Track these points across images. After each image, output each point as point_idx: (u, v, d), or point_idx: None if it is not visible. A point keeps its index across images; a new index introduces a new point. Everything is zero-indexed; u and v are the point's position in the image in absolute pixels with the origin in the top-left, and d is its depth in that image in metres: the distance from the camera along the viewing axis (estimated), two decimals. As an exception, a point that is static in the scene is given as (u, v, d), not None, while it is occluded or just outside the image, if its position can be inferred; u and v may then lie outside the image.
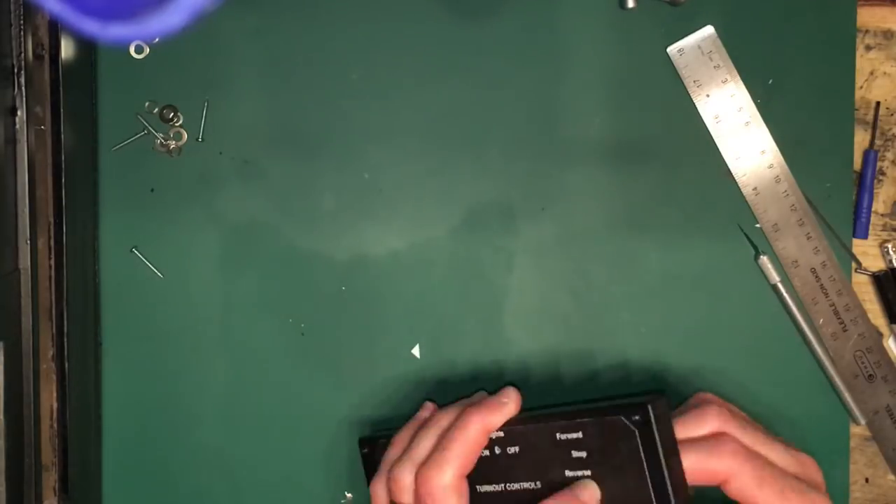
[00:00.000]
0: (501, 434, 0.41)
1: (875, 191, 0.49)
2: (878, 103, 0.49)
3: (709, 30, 0.48)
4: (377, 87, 0.49)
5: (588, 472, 0.38)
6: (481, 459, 0.40)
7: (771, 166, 0.48)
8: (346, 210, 0.49)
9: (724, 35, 0.48)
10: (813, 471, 0.40)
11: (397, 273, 0.49)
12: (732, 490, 0.38)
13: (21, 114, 0.42)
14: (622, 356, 0.49)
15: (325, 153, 0.49)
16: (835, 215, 0.49)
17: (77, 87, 0.46)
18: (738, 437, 0.39)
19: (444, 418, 0.42)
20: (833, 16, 0.49)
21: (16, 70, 0.42)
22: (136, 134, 0.48)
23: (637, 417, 0.37)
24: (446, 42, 0.49)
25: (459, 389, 0.49)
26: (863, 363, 0.49)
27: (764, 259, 0.48)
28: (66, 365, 0.44)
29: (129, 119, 0.48)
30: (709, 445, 0.38)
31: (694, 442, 0.39)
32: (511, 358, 0.49)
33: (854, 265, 0.49)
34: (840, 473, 0.50)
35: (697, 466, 0.38)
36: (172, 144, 0.48)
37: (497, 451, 0.41)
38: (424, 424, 0.42)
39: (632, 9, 0.48)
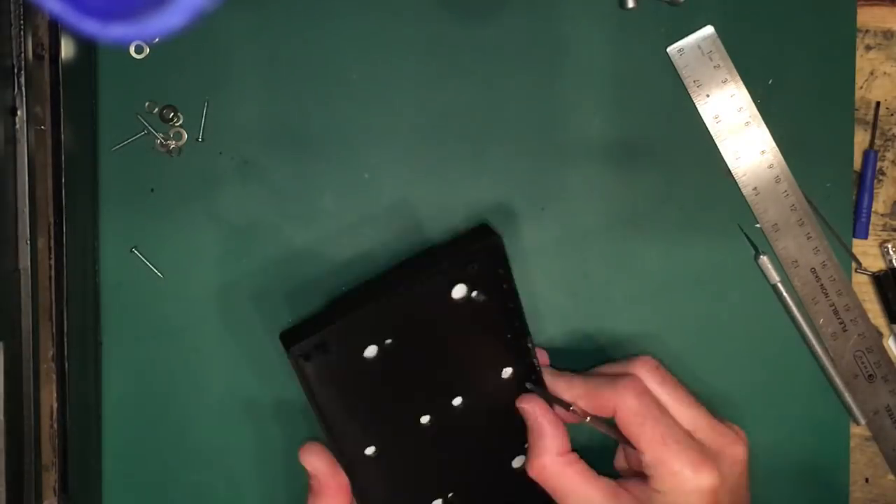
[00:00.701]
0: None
1: (875, 191, 0.49)
2: (878, 103, 0.49)
3: (709, 30, 0.48)
4: (377, 87, 0.49)
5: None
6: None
7: (771, 166, 0.48)
8: (346, 210, 0.49)
9: (724, 35, 0.48)
10: (727, 442, 0.42)
11: (397, 273, 0.49)
12: (619, 422, 0.41)
13: (21, 114, 0.42)
14: (622, 356, 0.49)
15: (325, 153, 0.49)
16: (835, 215, 0.49)
17: (77, 87, 0.46)
18: (651, 386, 0.42)
19: None
20: (833, 16, 0.49)
21: (16, 70, 0.42)
22: (136, 134, 0.48)
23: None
24: (446, 42, 0.49)
25: (459, 389, 0.49)
26: (863, 363, 0.49)
27: (764, 259, 0.48)
28: (66, 365, 0.44)
29: (129, 119, 0.48)
30: (613, 377, 0.42)
31: (603, 374, 0.43)
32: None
33: (854, 265, 0.49)
34: (840, 473, 0.50)
35: (594, 390, 0.42)
36: (172, 144, 0.48)
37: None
38: None
39: (632, 9, 0.48)
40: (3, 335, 0.41)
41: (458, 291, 0.42)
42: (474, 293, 0.42)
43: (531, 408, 0.43)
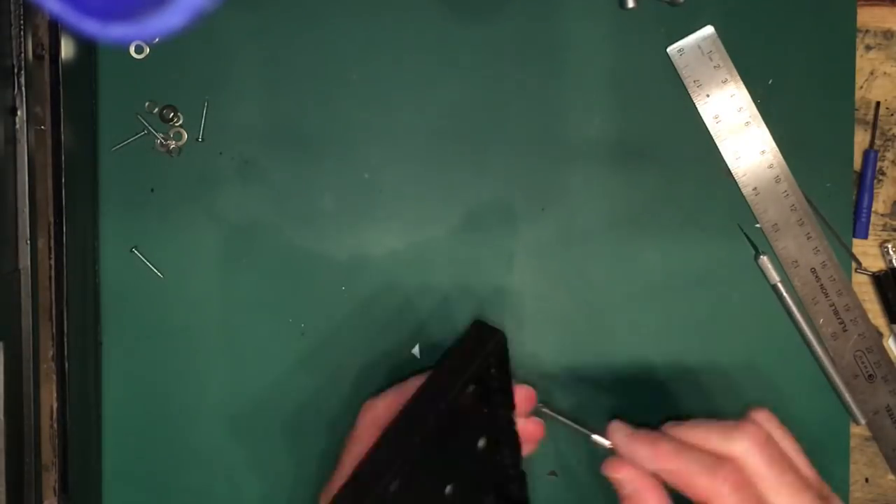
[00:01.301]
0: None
1: (875, 191, 0.49)
2: (878, 103, 0.49)
3: (709, 30, 0.48)
4: (377, 87, 0.49)
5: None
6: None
7: (771, 166, 0.48)
8: (346, 210, 0.49)
9: (724, 35, 0.48)
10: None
11: (397, 273, 0.49)
12: None
13: (21, 114, 0.42)
14: (622, 356, 0.49)
15: (325, 153, 0.49)
16: (835, 215, 0.49)
17: (77, 87, 0.46)
18: (758, 469, 0.35)
19: None
20: (833, 16, 0.49)
21: (16, 70, 0.42)
22: (136, 134, 0.48)
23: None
24: (446, 42, 0.49)
25: (459, 389, 0.49)
26: (863, 363, 0.49)
27: (764, 259, 0.48)
28: (66, 365, 0.44)
29: (129, 119, 0.48)
30: (709, 463, 0.35)
31: (701, 451, 0.35)
32: (511, 358, 0.49)
33: (854, 265, 0.49)
34: (840, 473, 0.50)
35: (685, 469, 0.35)
36: (172, 144, 0.48)
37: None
38: None
39: (632, 9, 0.48)
40: (3, 335, 0.41)
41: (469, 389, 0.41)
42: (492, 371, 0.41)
43: (627, 475, 0.36)
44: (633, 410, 0.49)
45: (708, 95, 0.48)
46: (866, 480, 0.50)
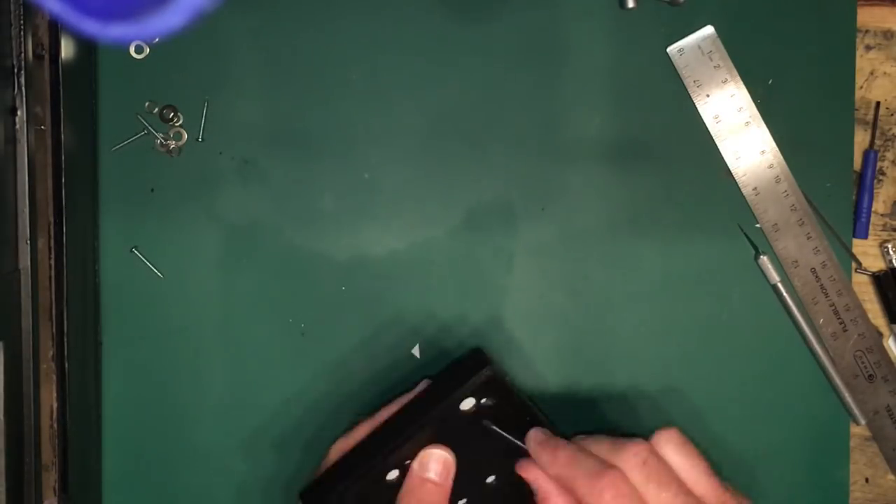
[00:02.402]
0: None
1: (875, 191, 0.49)
2: (878, 103, 0.49)
3: (709, 30, 0.48)
4: (377, 87, 0.49)
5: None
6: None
7: (771, 166, 0.48)
8: (346, 210, 0.49)
9: (724, 35, 0.48)
10: None
11: (397, 273, 0.49)
12: None
13: (21, 114, 0.42)
14: (622, 356, 0.49)
15: (325, 153, 0.49)
16: (835, 215, 0.49)
17: (77, 87, 0.46)
18: (638, 484, 0.36)
19: None
20: (833, 16, 0.49)
21: (16, 70, 0.42)
22: (136, 134, 0.48)
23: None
24: (446, 42, 0.49)
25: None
26: (863, 363, 0.49)
27: (764, 259, 0.48)
28: (66, 365, 0.44)
29: (129, 119, 0.48)
30: (595, 471, 0.36)
31: (593, 460, 0.37)
32: (511, 358, 0.49)
33: (854, 265, 0.49)
34: (840, 473, 0.50)
35: (570, 482, 0.37)
36: (172, 144, 0.48)
37: None
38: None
39: (632, 9, 0.48)
40: (3, 335, 0.41)
41: (467, 404, 0.41)
42: (483, 400, 0.41)
43: (532, 476, 0.39)
44: (632, 410, 0.49)
45: (708, 95, 0.48)
46: (866, 480, 0.50)
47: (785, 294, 0.49)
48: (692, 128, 0.49)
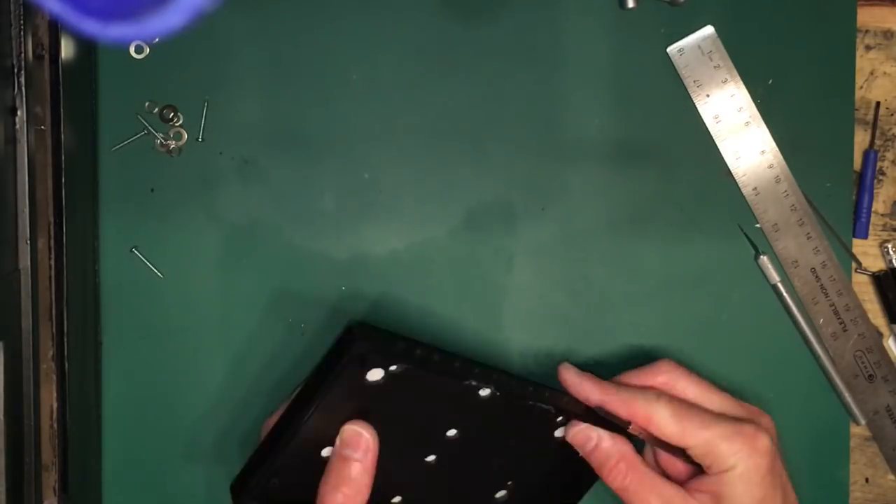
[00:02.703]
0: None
1: (875, 191, 0.49)
2: (878, 103, 0.49)
3: (709, 30, 0.48)
4: (377, 87, 0.49)
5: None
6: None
7: (771, 166, 0.48)
8: (346, 210, 0.49)
9: (724, 35, 0.48)
10: (756, 412, 0.43)
11: (397, 273, 0.49)
12: (657, 430, 0.40)
13: (21, 114, 0.42)
14: (622, 356, 0.49)
15: (325, 153, 0.49)
16: (835, 215, 0.49)
17: (77, 87, 0.46)
18: (676, 385, 0.42)
19: None
20: (833, 16, 0.49)
21: (16, 70, 0.42)
22: (136, 134, 0.48)
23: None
24: (446, 42, 0.49)
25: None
26: (863, 363, 0.49)
27: (764, 259, 0.48)
28: (66, 365, 0.44)
29: (129, 119, 0.48)
30: (639, 388, 0.42)
31: (627, 383, 0.43)
32: (511, 358, 0.49)
33: (854, 265, 0.49)
34: (840, 473, 0.50)
35: (627, 401, 0.41)
36: (172, 144, 0.48)
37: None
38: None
39: (632, 9, 0.48)
40: (3, 335, 0.40)
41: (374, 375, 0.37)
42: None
43: (582, 436, 0.42)
44: (633, 410, 0.49)
45: (708, 95, 0.48)
46: (866, 480, 0.50)
47: (785, 294, 0.49)
48: (692, 128, 0.49)
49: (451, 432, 0.41)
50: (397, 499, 0.41)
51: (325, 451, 0.39)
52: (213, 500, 0.49)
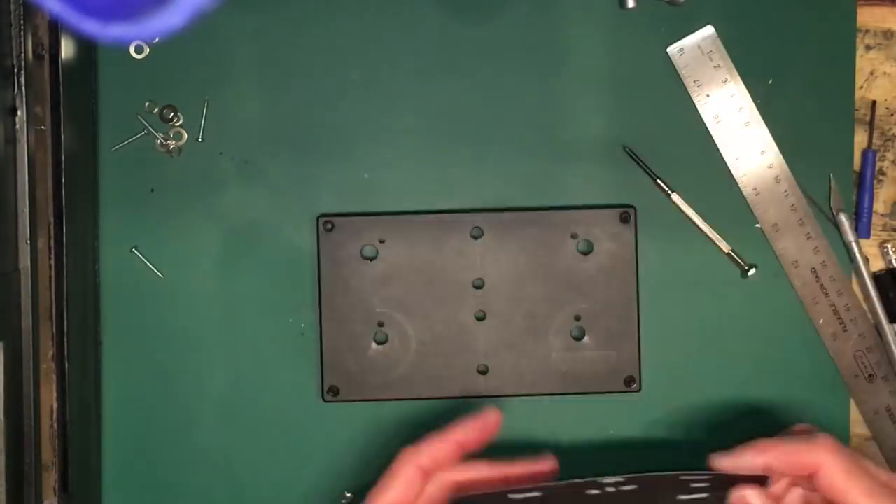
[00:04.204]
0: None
1: (875, 191, 0.49)
2: (874, 102, 0.49)
3: (709, 30, 0.48)
4: (377, 86, 0.49)
5: None
6: None
7: (771, 166, 0.48)
8: (346, 210, 0.49)
9: (724, 35, 0.48)
10: None
11: (397, 273, 0.49)
12: (822, 482, 0.38)
13: (21, 114, 0.42)
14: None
15: (325, 153, 0.49)
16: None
17: (77, 87, 0.46)
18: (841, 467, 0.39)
19: None
20: (833, 16, 0.49)
21: (16, 70, 0.42)
22: (136, 134, 0.48)
23: None
24: (447, 42, 0.49)
25: (459, 389, 0.49)
26: (863, 363, 0.49)
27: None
28: (66, 365, 0.44)
29: (129, 119, 0.48)
30: (806, 438, 0.39)
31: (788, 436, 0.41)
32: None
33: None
34: (840, 473, 0.50)
35: (791, 452, 0.39)
36: (172, 144, 0.48)
37: None
38: None
39: (632, 9, 0.48)
40: (3, 335, 0.41)
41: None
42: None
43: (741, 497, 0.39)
44: (632, 411, 0.49)
45: (708, 95, 0.48)
46: (866, 480, 0.50)
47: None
48: (692, 128, 0.49)
49: None
50: None
51: None
52: (212, 500, 0.49)
